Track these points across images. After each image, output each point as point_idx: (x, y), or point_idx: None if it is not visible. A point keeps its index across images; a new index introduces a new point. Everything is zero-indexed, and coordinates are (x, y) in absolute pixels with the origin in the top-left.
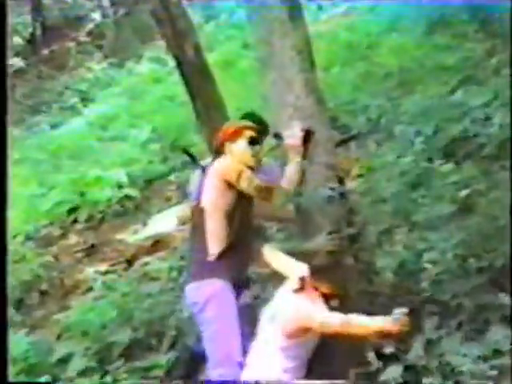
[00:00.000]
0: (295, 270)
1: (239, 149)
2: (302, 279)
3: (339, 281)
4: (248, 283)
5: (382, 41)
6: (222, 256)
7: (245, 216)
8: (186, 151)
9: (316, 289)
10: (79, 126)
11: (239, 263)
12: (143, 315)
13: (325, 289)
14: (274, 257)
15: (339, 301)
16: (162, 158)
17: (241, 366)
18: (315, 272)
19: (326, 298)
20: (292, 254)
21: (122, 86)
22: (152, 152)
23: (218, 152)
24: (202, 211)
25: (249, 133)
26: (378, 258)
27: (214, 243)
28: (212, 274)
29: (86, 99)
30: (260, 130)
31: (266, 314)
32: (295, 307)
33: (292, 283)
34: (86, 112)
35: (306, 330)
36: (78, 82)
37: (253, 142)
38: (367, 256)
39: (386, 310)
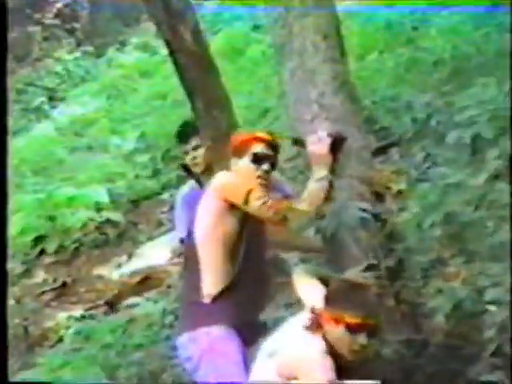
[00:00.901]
0: (310, 297)
1: (241, 167)
2: (313, 311)
3: (365, 305)
4: (263, 329)
5: (431, 20)
6: (220, 297)
7: (253, 246)
8: (182, 164)
9: (337, 321)
10: (46, 132)
11: (247, 304)
12: (130, 371)
13: (349, 318)
14: (297, 281)
15: (369, 332)
16: (152, 172)
17: None
18: (331, 298)
19: (353, 331)
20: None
21: (100, 82)
22: (139, 165)
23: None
24: (195, 241)
25: (256, 147)
26: (426, 297)
27: (211, 281)
28: (208, 320)
29: (54, 99)
30: (273, 143)
31: (266, 348)
32: (301, 353)
33: (305, 315)
34: (54, 115)
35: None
36: (45, 76)
37: (258, 159)
38: (413, 295)
39: (437, 363)
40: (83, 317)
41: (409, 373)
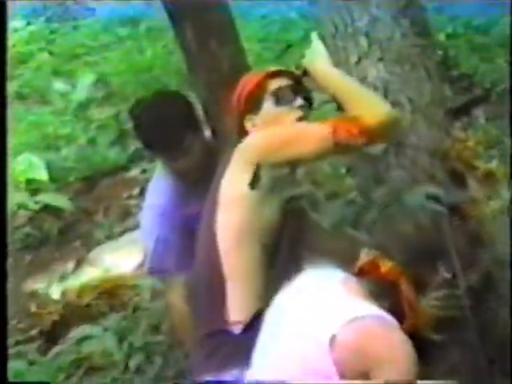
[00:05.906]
0: None
1: (266, 118)
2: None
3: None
4: None
5: None
6: (255, 325)
7: (294, 247)
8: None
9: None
10: None
11: None
12: None
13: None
14: None
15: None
16: (116, 136)
17: None
18: None
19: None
20: None
21: None
22: (96, 123)
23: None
24: (214, 240)
25: (273, 83)
26: None
27: (240, 303)
28: (240, 358)
29: None
30: (296, 75)
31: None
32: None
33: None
34: None
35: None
36: None
37: (284, 96)
38: (508, 328)
39: None
40: (11, 356)
41: None
